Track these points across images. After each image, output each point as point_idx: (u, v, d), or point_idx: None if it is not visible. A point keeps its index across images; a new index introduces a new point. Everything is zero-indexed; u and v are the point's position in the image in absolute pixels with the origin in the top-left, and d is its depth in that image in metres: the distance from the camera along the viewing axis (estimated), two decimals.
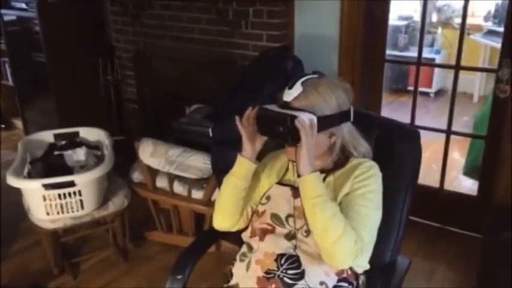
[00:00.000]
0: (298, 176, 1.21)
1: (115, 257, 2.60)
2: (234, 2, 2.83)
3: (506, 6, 2.40)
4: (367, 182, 1.27)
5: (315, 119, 1.20)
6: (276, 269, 1.28)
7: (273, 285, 1.27)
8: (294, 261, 1.27)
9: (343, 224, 1.18)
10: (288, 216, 1.33)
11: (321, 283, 1.26)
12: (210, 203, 2.49)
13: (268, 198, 1.39)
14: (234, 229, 1.45)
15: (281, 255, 1.29)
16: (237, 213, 1.41)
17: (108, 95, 3.68)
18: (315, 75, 1.30)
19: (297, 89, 1.25)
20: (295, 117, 1.17)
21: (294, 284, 1.25)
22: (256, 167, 1.37)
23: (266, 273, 1.28)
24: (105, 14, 3.66)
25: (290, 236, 1.31)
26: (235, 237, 1.49)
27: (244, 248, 1.41)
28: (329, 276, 1.27)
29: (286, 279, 1.26)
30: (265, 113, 1.25)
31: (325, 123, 1.24)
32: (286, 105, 1.25)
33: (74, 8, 3.43)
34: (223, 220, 1.43)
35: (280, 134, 1.21)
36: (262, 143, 1.33)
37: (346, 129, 1.32)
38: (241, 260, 1.38)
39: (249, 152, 1.33)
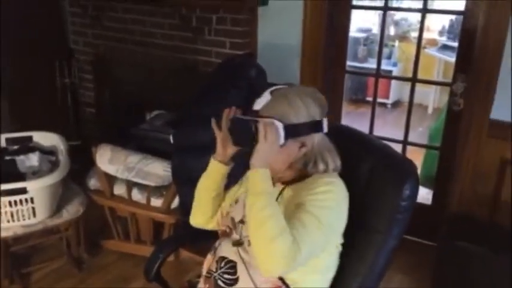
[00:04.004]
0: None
1: (69, 267, 2.51)
2: (197, 9, 2.82)
3: (460, 22, 2.50)
4: (322, 197, 1.21)
5: (280, 126, 1.19)
6: (214, 270, 1.31)
7: (207, 285, 1.32)
8: (231, 266, 1.29)
9: (281, 225, 1.12)
10: (240, 221, 1.33)
11: None
12: (169, 211, 2.46)
13: (236, 201, 1.40)
14: (207, 227, 1.47)
15: (222, 258, 1.31)
16: (207, 211, 1.44)
17: (65, 98, 3.57)
18: (285, 85, 1.29)
19: (266, 97, 1.25)
20: (257, 121, 1.19)
21: None
22: (228, 170, 1.38)
23: (207, 272, 1.34)
24: (63, 15, 3.56)
25: (237, 243, 1.31)
26: (194, 246, 1.48)
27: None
28: None
29: (219, 282, 1.29)
30: (234, 123, 1.25)
31: (294, 131, 1.22)
32: (255, 113, 1.24)
33: (30, 8, 3.31)
34: (195, 216, 1.48)
35: (246, 141, 1.21)
36: (234, 148, 1.33)
37: (317, 140, 1.27)
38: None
39: (221, 155, 1.35)
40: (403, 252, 2.67)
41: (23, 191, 2.16)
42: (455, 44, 3.50)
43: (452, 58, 3.93)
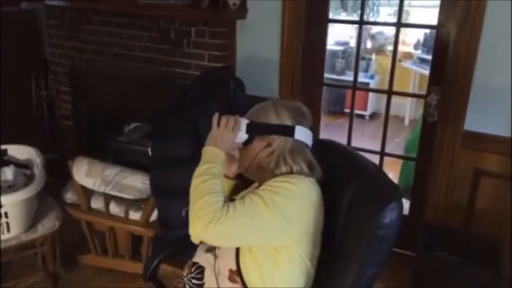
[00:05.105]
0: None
1: (44, 283, 2.45)
2: (176, 22, 2.82)
3: (434, 36, 2.57)
4: (275, 184, 1.24)
5: (243, 121, 1.33)
6: (185, 275, 1.38)
7: None
8: (200, 272, 1.35)
9: (212, 189, 1.20)
10: None
11: None
12: (148, 224, 2.43)
13: None
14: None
15: (194, 264, 1.37)
16: None
17: (41, 111, 3.52)
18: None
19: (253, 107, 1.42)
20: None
21: None
22: (231, 186, 1.45)
23: (180, 277, 1.40)
24: (39, 27, 3.52)
25: (210, 249, 1.36)
26: (175, 260, 1.50)
27: None
28: None
29: (187, 287, 1.36)
30: None
31: (257, 128, 1.34)
32: None
33: (6, 19, 3.27)
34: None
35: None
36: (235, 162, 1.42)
37: (285, 144, 1.32)
38: None
39: (225, 170, 1.39)
40: None
41: None
42: (430, 57, 3.58)
43: (427, 71, 4.01)
